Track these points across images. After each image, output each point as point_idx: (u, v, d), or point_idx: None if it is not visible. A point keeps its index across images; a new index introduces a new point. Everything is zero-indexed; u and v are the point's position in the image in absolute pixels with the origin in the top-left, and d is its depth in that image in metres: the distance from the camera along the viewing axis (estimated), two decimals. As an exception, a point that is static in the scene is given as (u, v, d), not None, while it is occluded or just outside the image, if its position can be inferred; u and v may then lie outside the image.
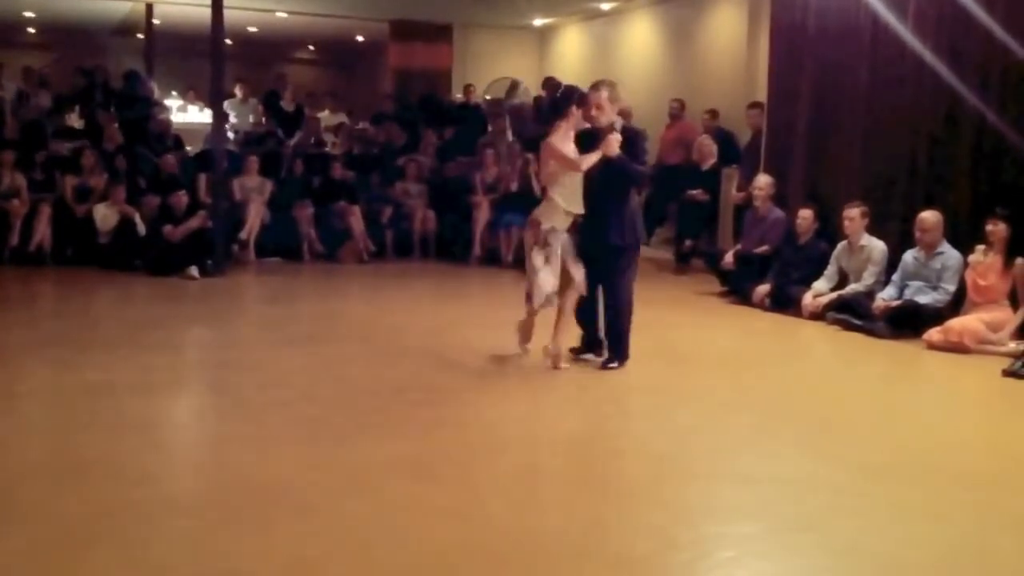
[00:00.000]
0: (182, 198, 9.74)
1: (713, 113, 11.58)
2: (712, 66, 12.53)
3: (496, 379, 5.89)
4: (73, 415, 4.93)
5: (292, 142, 12.35)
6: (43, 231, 9.76)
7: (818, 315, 7.83)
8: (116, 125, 11.30)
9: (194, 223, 9.61)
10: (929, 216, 7.42)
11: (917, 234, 7.43)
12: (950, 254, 7.32)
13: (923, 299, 7.28)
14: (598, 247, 5.98)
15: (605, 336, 6.14)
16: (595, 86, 6.05)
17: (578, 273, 5.97)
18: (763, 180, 9.06)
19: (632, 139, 6.00)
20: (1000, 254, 6.97)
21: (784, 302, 8.22)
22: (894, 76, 8.23)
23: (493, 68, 16.00)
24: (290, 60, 22.56)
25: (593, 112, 5.96)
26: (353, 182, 11.25)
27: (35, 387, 5.62)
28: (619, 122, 6.05)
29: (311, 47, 23.11)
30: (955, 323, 6.89)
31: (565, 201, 5.87)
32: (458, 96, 14.94)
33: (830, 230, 8.34)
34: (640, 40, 14.49)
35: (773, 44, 9.67)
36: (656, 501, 3.92)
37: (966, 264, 7.19)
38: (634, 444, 4.68)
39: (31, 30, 19.61)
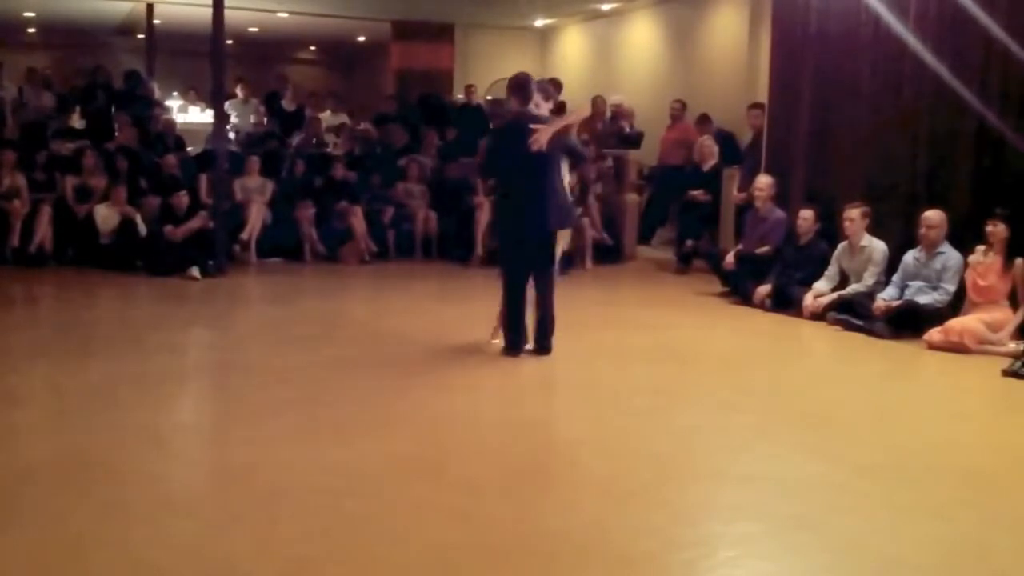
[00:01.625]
0: (183, 198, 9.74)
1: (704, 118, 11.58)
2: (713, 67, 12.54)
3: (497, 380, 5.89)
4: (74, 415, 4.94)
5: (293, 142, 12.35)
6: (44, 231, 9.75)
7: (819, 315, 7.82)
8: (131, 126, 11.32)
9: (195, 223, 9.62)
10: (934, 214, 7.42)
11: (922, 230, 7.41)
12: (950, 254, 7.32)
13: (923, 299, 7.28)
14: (531, 233, 6.15)
15: (538, 326, 6.26)
16: None
17: None
18: (764, 180, 9.05)
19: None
20: (1000, 254, 6.97)
21: (785, 302, 8.22)
22: (895, 77, 8.23)
23: (494, 68, 16.00)
24: (291, 60, 22.58)
25: None
26: (354, 182, 11.24)
27: (36, 387, 5.63)
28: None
29: (312, 47, 23.13)
30: (955, 323, 6.89)
31: None
32: (459, 96, 14.94)
33: (831, 230, 8.34)
34: (641, 41, 14.50)
35: (774, 45, 9.66)
36: (657, 501, 3.93)
37: (966, 264, 7.19)
38: (635, 444, 4.68)
39: (31, 30, 19.63)
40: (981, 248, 7.11)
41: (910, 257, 7.54)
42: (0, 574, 3.13)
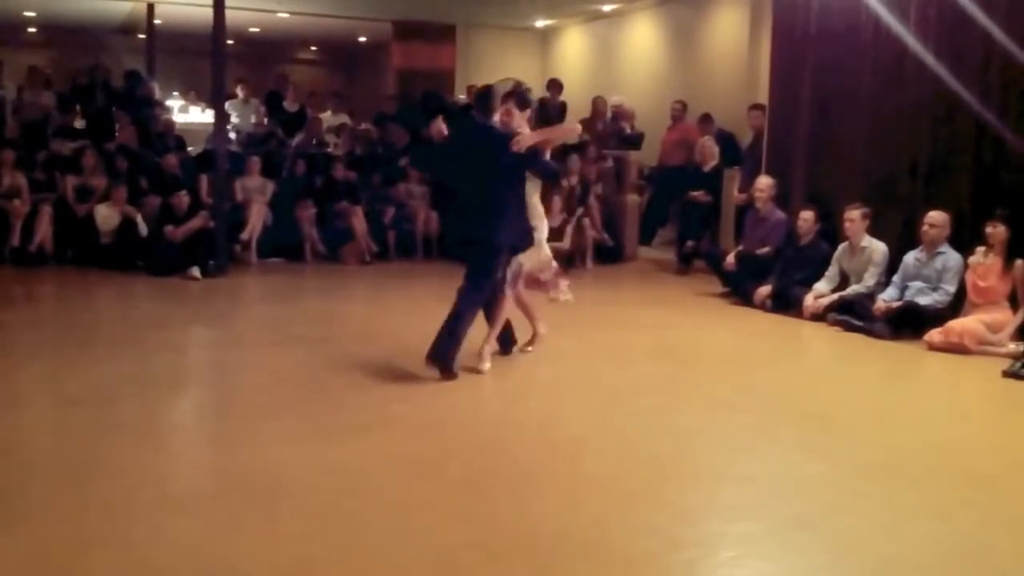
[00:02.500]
0: (183, 198, 9.74)
1: (706, 118, 11.58)
2: (714, 67, 12.55)
3: (497, 379, 5.89)
4: (74, 416, 4.93)
5: (294, 142, 12.34)
6: (44, 231, 9.75)
7: (819, 316, 7.83)
8: (131, 126, 11.32)
9: (196, 223, 9.62)
10: (938, 215, 7.43)
11: (924, 227, 7.41)
12: (950, 255, 7.32)
13: (924, 300, 7.29)
14: (472, 241, 6.01)
15: (442, 338, 5.70)
16: None
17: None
18: (764, 181, 9.06)
19: None
20: (1000, 256, 6.97)
21: (785, 303, 8.22)
22: (895, 78, 8.23)
23: (495, 69, 15.99)
24: (292, 60, 22.57)
25: None
26: (355, 183, 11.25)
27: (37, 387, 5.63)
28: None
29: (313, 47, 23.13)
30: (955, 324, 6.89)
31: None
32: (461, 97, 14.93)
33: (831, 231, 8.34)
34: (642, 41, 14.50)
35: (775, 46, 9.66)
36: (658, 501, 3.93)
37: (966, 265, 7.20)
38: (635, 444, 4.68)
39: (32, 29, 19.63)
40: (981, 249, 7.12)
41: (910, 258, 7.54)
42: (0, 574, 3.13)
